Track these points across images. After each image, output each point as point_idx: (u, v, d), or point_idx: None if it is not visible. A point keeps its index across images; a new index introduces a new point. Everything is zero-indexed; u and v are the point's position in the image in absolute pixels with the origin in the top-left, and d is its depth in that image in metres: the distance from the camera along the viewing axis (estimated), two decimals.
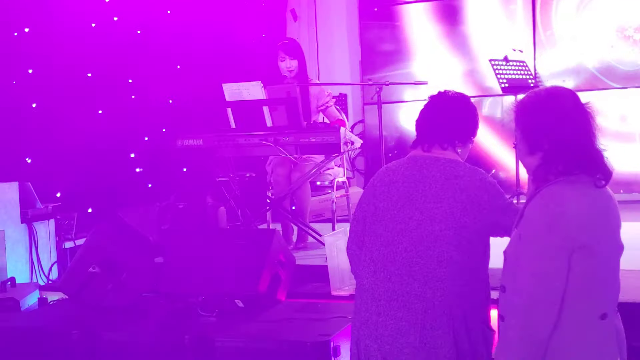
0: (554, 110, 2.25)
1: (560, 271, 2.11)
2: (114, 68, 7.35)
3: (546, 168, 2.23)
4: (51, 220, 5.66)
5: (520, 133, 2.32)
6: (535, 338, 2.13)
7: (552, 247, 2.11)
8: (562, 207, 2.14)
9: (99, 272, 4.21)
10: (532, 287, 2.12)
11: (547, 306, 2.11)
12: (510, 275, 2.26)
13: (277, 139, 4.62)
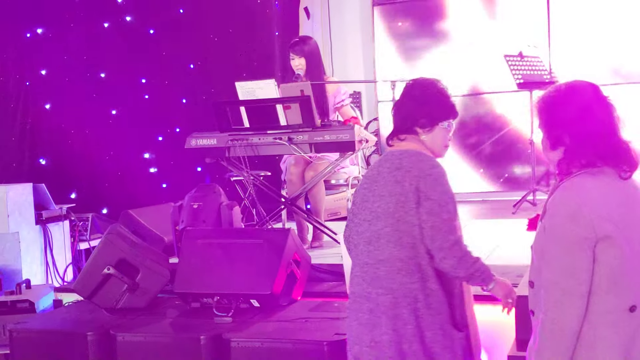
0: (573, 105, 2.24)
1: (586, 263, 2.11)
2: (126, 68, 7.35)
3: (569, 162, 2.23)
4: (65, 221, 5.66)
5: (543, 128, 2.31)
6: (566, 331, 2.12)
7: (576, 238, 2.11)
8: (583, 197, 2.14)
9: (114, 273, 4.20)
10: (560, 280, 2.12)
11: (575, 299, 2.11)
12: (538, 270, 2.26)
13: (291, 138, 4.60)
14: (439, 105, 2.75)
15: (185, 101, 7.32)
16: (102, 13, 7.34)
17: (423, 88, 2.77)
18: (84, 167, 7.39)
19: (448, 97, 2.78)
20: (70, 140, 7.40)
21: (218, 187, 4.87)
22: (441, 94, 2.76)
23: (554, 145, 2.27)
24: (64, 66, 7.40)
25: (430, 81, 2.80)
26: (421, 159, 2.64)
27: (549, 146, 2.29)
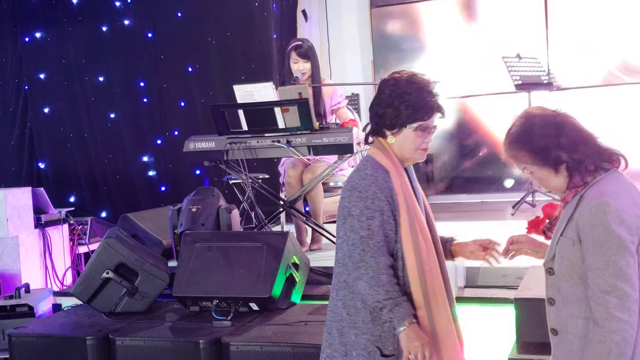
0: (548, 122, 2.27)
1: (636, 267, 2.14)
2: (125, 72, 7.36)
3: (580, 174, 2.25)
4: (64, 225, 5.66)
5: (537, 160, 2.28)
6: (629, 341, 2.12)
7: (625, 243, 2.13)
8: (618, 202, 2.16)
9: (113, 277, 4.20)
10: (619, 285, 2.11)
11: (634, 305, 2.12)
12: (557, 286, 2.27)
13: (290, 140, 4.59)
14: (407, 106, 2.53)
15: (184, 104, 7.32)
16: (100, 17, 7.35)
17: (392, 87, 2.57)
18: (83, 170, 7.40)
19: (420, 97, 2.55)
20: (69, 144, 7.41)
21: (217, 190, 4.87)
22: (410, 94, 2.54)
23: (556, 168, 2.27)
24: (62, 70, 7.41)
25: (403, 78, 2.58)
26: (357, 170, 2.58)
27: (553, 172, 2.28)
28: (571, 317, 2.24)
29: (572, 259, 2.22)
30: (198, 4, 7.16)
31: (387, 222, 2.51)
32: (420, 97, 2.55)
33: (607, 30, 6.89)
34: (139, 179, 7.36)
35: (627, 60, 6.88)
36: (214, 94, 7.00)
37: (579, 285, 2.21)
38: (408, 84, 2.56)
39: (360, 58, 7.87)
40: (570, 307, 2.24)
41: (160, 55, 7.29)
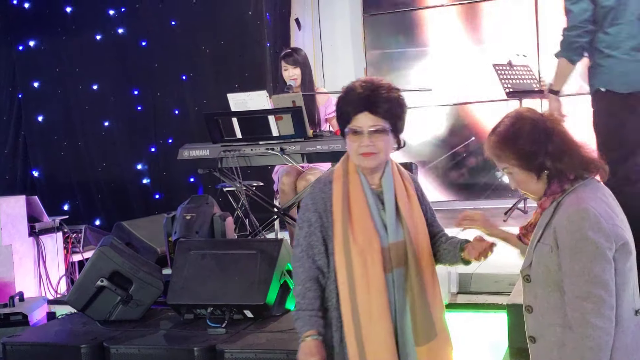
0: (537, 130, 2.25)
1: (612, 273, 2.14)
2: (119, 80, 7.37)
3: (559, 181, 2.25)
4: (59, 233, 5.66)
5: (517, 165, 2.27)
6: (603, 347, 2.11)
7: (601, 249, 2.13)
8: (596, 208, 2.16)
9: (108, 285, 4.20)
10: (594, 291, 2.11)
11: (609, 311, 2.12)
12: (534, 294, 2.27)
13: (283, 148, 4.61)
14: (339, 112, 2.55)
15: (178, 112, 7.33)
16: (94, 26, 7.37)
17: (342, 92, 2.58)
18: (77, 179, 7.40)
19: (345, 99, 2.52)
20: (63, 152, 7.42)
21: (211, 198, 4.88)
22: (341, 99, 2.55)
23: (539, 174, 2.26)
24: (56, 78, 7.43)
25: (346, 86, 2.57)
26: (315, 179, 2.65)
27: (535, 177, 2.27)
28: (549, 325, 2.23)
29: (549, 266, 2.22)
30: (192, 12, 7.19)
31: (314, 233, 2.52)
32: (345, 100, 2.53)
33: None
34: (133, 187, 7.37)
35: None
36: (207, 102, 7.02)
37: (555, 292, 2.21)
38: (345, 90, 2.57)
39: (354, 66, 7.90)
40: (547, 314, 2.23)
41: (154, 63, 7.31)
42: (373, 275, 2.46)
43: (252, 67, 7.07)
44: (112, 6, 7.38)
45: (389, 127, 2.48)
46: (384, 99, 2.47)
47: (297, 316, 2.48)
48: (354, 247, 2.47)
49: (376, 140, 2.47)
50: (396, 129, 2.52)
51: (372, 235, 2.49)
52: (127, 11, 7.36)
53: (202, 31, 7.19)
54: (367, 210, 2.52)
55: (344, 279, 2.47)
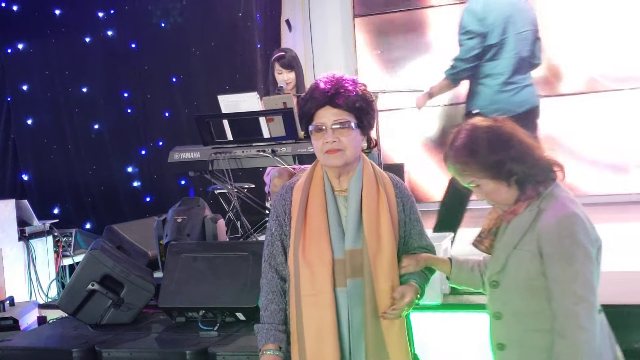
0: (494, 135, 2.23)
1: (596, 274, 2.15)
2: (109, 82, 7.35)
3: (532, 185, 2.22)
4: (49, 237, 5.63)
5: (485, 176, 2.23)
6: (596, 350, 2.12)
7: (590, 253, 2.13)
8: (580, 213, 2.17)
9: (99, 289, 4.18)
10: (588, 296, 2.11)
11: (597, 314, 2.14)
12: (504, 300, 2.25)
13: (275, 150, 4.60)
14: (300, 112, 2.46)
15: (168, 115, 7.31)
16: (83, 28, 7.34)
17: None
18: (67, 182, 7.37)
19: (306, 97, 2.41)
20: (52, 155, 7.38)
21: (202, 200, 4.86)
22: (303, 99, 2.44)
23: (509, 181, 2.22)
24: (45, 81, 7.39)
25: (312, 84, 2.47)
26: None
27: (505, 185, 2.23)
28: (525, 331, 2.21)
29: (530, 272, 2.19)
30: (181, 14, 7.17)
31: (275, 242, 2.47)
32: (306, 98, 2.41)
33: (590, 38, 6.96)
34: (123, 190, 7.34)
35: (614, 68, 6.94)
36: (198, 104, 7.00)
37: (534, 298, 2.19)
38: (307, 89, 2.46)
39: (345, 67, 7.89)
40: (524, 321, 2.21)
41: (144, 65, 7.29)
42: (321, 290, 2.33)
43: (242, 69, 7.06)
44: (101, 8, 7.35)
45: (354, 122, 2.35)
46: (347, 91, 2.34)
47: (257, 329, 2.43)
48: (302, 259, 2.36)
49: (341, 136, 2.34)
50: (363, 124, 2.38)
51: (324, 246, 2.36)
52: (117, 13, 7.34)
53: (192, 33, 7.18)
54: (323, 219, 2.39)
55: (292, 293, 2.39)
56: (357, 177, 2.43)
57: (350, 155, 2.37)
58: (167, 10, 7.22)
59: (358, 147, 2.40)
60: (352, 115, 2.35)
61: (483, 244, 2.38)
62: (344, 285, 2.35)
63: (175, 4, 7.18)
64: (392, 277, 2.37)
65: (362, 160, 2.47)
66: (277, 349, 2.37)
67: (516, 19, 4.51)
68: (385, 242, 2.38)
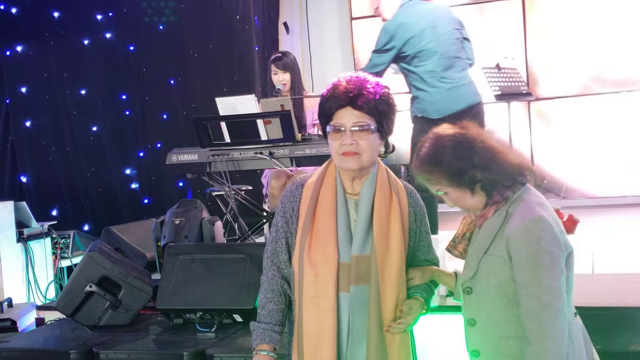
0: (459, 145, 2.21)
1: (563, 279, 2.13)
2: (107, 85, 7.35)
3: (498, 190, 2.22)
4: (47, 238, 5.64)
5: (449, 184, 2.22)
6: (563, 356, 2.11)
7: (557, 258, 2.11)
8: (548, 217, 2.15)
9: (96, 290, 4.19)
10: (553, 302, 2.09)
11: (564, 320, 2.11)
12: (478, 307, 2.23)
13: (272, 152, 4.62)
14: (320, 110, 2.37)
15: (166, 117, 7.32)
16: (82, 30, 7.35)
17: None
18: (65, 184, 7.37)
19: (326, 97, 2.33)
20: (51, 157, 7.39)
21: (200, 202, 4.87)
22: (324, 96, 2.35)
23: (472, 188, 2.22)
24: (44, 83, 7.39)
25: (334, 81, 2.39)
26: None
27: (469, 192, 2.23)
28: (500, 338, 2.20)
29: (501, 278, 2.18)
30: (179, 17, 7.19)
31: (279, 239, 2.42)
32: (327, 96, 2.32)
33: (583, 42, 6.98)
34: (121, 192, 7.34)
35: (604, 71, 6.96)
36: (196, 106, 7.02)
37: (507, 305, 2.18)
38: (329, 86, 2.37)
39: (342, 70, 7.91)
40: (498, 327, 2.20)
41: (142, 68, 7.30)
42: (323, 293, 2.28)
43: (240, 71, 7.07)
44: (100, 11, 7.36)
45: (374, 126, 2.28)
46: (369, 93, 2.27)
47: (253, 327, 2.39)
48: (307, 260, 2.30)
49: (359, 139, 2.27)
50: (383, 129, 2.31)
51: (330, 249, 2.30)
52: (115, 16, 7.35)
53: (190, 35, 7.19)
54: (332, 221, 2.33)
55: (296, 294, 2.34)
56: (370, 181, 2.36)
57: (366, 160, 2.30)
58: (165, 12, 7.24)
59: (375, 151, 2.34)
60: (372, 118, 2.28)
61: (457, 249, 2.37)
62: (347, 290, 2.30)
63: (173, 6, 7.19)
64: (399, 287, 2.32)
65: (377, 165, 2.40)
66: (272, 349, 2.34)
67: (436, 24, 4.71)
68: (395, 250, 2.32)
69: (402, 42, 4.68)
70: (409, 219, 2.39)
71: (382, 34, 4.79)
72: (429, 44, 4.67)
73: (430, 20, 4.71)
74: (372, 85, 2.29)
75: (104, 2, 7.34)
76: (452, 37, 4.77)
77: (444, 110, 4.58)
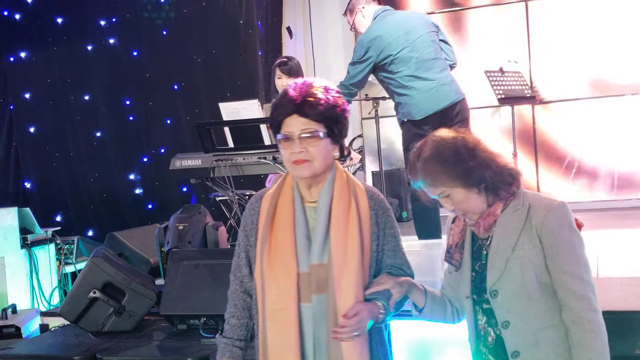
0: (462, 147, 2.24)
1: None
2: (110, 90, 7.37)
3: (504, 187, 2.27)
4: (51, 244, 5.64)
5: (456, 185, 2.22)
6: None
7: (582, 239, 2.24)
8: (565, 202, 2.25)
9: (100, 296, 4.19)
10: (591, 280, 2.21)
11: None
12: (513, 308, 2.23)
13: (276, 157, 4.61)
14: (269, 119, 2.37)
15: (170, 122, 7.33)
16: (85, 36, 7.37)
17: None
18: (69, 190, 7.38)
19: (276, 106, 2.31)
20: (55, 163, 7.40)
21: (203, 207, 4.87)
22: (273, 105, 2.35)
23: (479, 187, 2.23)
24: (48, 89, 7.41)
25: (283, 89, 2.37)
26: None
27: (476, 191, 2.24)
28: (539, 331, 2.22)
29: (536, 269, 2.21)
30: (183, 22, 7.20)
31: (240, 254, 2.42)
32: (275, 105, 2.31)
33: (587, 44, 6.96)
34: (125, 197, 7.35)
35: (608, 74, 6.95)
36: (199, 111, 7.02)
37: (541, 296, 2.21)
38: (278, 95, 2.36)
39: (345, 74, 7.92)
40: (536, 320, 2.22)
41: (146, 73, 7.31)
42: (285, 305, 2.25)
43: (244, 76, 7.07)
44: (103, 16, 7.38)
45: (323, 132, 2.25)
46: (316, 99, 2.24)
47: (218, 342, 2.41)
48: (267, 271, 2.28)
49: (308, 146, 2.24)
50: (333, 133, 2.29)
51: (289, 259, 2.26)
52: (118, 21, 7.36)
53: (194, 40, 7.20)
54: (289, 230, 2.29)
55: (259, 307, 2.31)
56: (327, 187, 2.32)
57: (319, 166, 2.28)
58: (169, 18, 7.25)
59: (328, 157, 2.31)
60: (321, 124, 2.25)
61: (454, 259, 2.37)
62: (309, 301, 2.26)
63: (177, 12, 7.20)
64: (356, 294, 2.25)
65: (335, 169, 2.36)
66: None
67: (409, 30, 4.82)
68: (352, 256, 2.26)
69: (378, 51, 4.80)
70: (370, 222, 2.34)
71: (358, 47, 4.92)
72: (403, 50, 4.78)
73: (403, 27, 4.83)
74: (319, 90, 2.27)
75: (108, 8, 7.36)
76: (427, 41, 4.87)
77: (427, 110, 4.68)
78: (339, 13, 7.98)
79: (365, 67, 4.89)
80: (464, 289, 2.35)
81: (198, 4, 7.15)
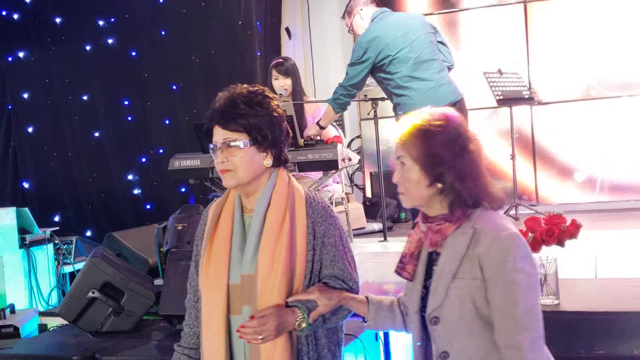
0: (456, 139, 2.03)
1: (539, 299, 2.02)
2: (109, 90, 7.37)
3: (460, 206, 2.03)
4: (49, 245, 5.64)
5: (416, 161, 2.04)
6: None
7: (533, 277, 1.98)
8: (520, 235, 2.01)
9: (99, 296, 4.18)
10: (532, 325, 1.94)
11: (543, 339, 1.97)
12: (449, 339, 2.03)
13: None
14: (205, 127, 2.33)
15: (168, 122, 7.33)
16: (83, 36, 7.37)
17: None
18: (68, 190, 7.38)
19: (208, 115, 2.31)
20: (53, 163, 7.40)
21: (202, 208, 4.86)
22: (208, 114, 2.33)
23: (432, 182, 2.02)
24: (46, 89, 7.42)
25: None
26: None
27: (426, 182, 2.03)
28: None
29: (477, 302, 1.99)
30: (181, 22, 7.20)
31: (192, 263, 2.42)
32: (208, 113, 2.31)
33: (585, 46, 6.97)
34: (124, 198, 7.35)
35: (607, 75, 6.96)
36: (198, 111, 7.02)
37: (483, 330, 1.99)
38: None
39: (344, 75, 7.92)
40: (476, 355, 2.00)
41: (144, 73, 7.31)
42: (214, 316, 2.24)
43: (242, 77, 7.06)
44: (102, 16, 7.38)
45: (244, 140, 2.21)
46: (236, 109, 2.22)
47: (175, 349, 2.45)
48: (203, 284, 2.27)
49: (230, 156, 2.21)
50: (258, 141, 2.23)
51: (221, 270, 2.23)
52: (117, 21, 7.36)
53: (192, 41, 7.19)
54: (226, 242, 2.26)
55: (202, 318, 2.31)
56: (264, 196, 2.27)
57: (243, 176, 2.23)
58: (167, 18, 7.25)
59: (254, 165, 2.25)
60: (242, 134, 2.21)
61: (406, 270, 2.16)
62: (239, 312, 2.22)
63: (175, 12, 7.20)
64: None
65: (275, 177, 2.30)
66: None
67: (407, 31, 4.90)
68: (278, 267, 2.19)
69: (376, 52, 4.86)
70: (307, 231, 2.26)
71: (357, 48, 4.98)
72: (402, 51, 4.85)
73: (402, 28, 4.91)
74: (241, 99, 2.26)
75: (106, 8, 7.36)
76: (424, 42, 4.94)
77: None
78: (337, 14, 7.98)
79: (364, 68, 4.93)
80: (413, 304, 2.15)
81: (197, 5, 7.15)
